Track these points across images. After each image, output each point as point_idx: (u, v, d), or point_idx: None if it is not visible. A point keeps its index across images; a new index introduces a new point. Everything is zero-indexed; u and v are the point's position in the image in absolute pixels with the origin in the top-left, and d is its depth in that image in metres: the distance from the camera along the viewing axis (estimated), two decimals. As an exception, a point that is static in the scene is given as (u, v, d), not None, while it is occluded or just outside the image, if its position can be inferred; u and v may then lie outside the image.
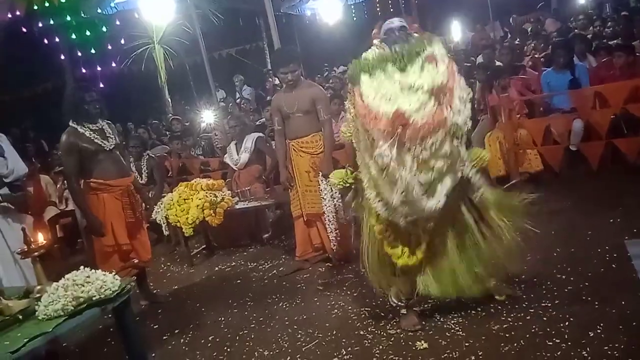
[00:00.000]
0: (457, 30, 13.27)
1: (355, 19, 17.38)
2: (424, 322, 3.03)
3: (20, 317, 2.29)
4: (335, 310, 3.50)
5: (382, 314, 3.26)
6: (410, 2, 16.40)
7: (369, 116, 2.52)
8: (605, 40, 7.72)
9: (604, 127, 4.98)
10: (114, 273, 2.47)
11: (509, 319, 2.89)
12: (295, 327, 3.40)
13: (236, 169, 5.76)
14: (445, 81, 2.50)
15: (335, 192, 4.21)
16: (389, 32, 2.85)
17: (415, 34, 2.83)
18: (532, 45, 9.10)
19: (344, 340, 3.08)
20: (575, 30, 8.88)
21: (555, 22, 10.53)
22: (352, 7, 16.96)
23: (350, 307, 3.48)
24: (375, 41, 2.88)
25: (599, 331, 2.61)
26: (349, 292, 3.73)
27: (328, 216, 4.18)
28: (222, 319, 3.77)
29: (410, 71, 2.55)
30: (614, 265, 3.25)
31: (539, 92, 5.76)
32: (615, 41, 7.09)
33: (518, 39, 10.52)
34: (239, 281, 4.50)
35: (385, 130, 2.45)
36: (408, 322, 3.03)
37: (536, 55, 7.81)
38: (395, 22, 2.90)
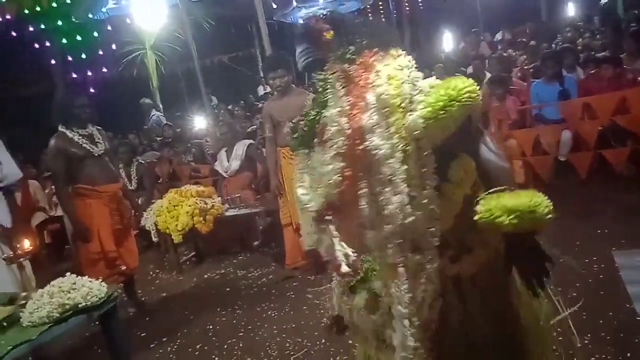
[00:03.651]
0: (448, 41, 13.40)
1: (347, 27, 17.46)
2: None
3: (5, 324, 2.25)
4: (325, 319, 3.48)
5: (371, 323, 3.25)
6: (401, 13, 16.60)
7: None
8: (593, 52, 7.81)
9: (592, 138, 5.03)
10: (100, 280, 2.45)
11: (498, 329, 2.89)
12: (284, 335, 3.38)
13: (226, 176, 5.74)
14: None
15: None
16: None
17: None
18: (522, 57, 9.19)
19: (332, 349, 3.06)
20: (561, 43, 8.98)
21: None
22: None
23: (339, 316, 3.47)
24: None
25: (586, 342, 2.62)
26: (338, 301, 3.71)
27: (318, 224, 4.18)
28: (210, 326, 3.74)
29: None
30: (601, 276, 3.27)
31: (527, 103, 5.81)
32: (603, 53, 7.18)
33: (507, 51, 10.62)
34: (228, 289, 4.47)
35: None
36: None
37: (525, 67, 7.89)
38: None
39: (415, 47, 16.15)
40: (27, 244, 2.57)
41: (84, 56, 12.21)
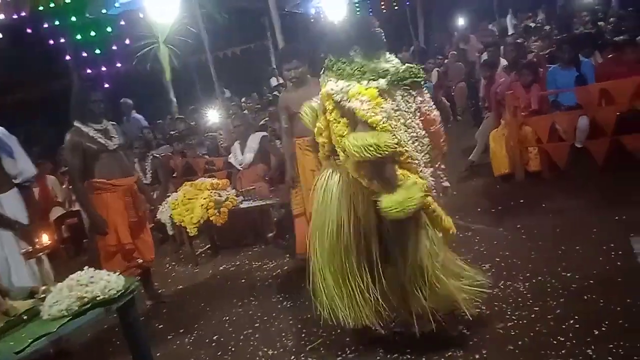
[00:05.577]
0: (462, 26, 13.25)
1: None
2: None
3: (25, 317, 2.30)
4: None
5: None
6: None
7: None
8: (611, 36, 7.67)
9: (609, 124, 4.95)
10: (118, 272, 2.48)
11: (513, 318, 2.88)
12: (299, 326, 3.40)
13: (240, 168, 5.76)
14: None
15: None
16: None
17: None
18: (537, 42, 9.06)
19: (347, 338, 3.07)
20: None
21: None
22: (356, 4, 16.94)
23: (354, 306, 3.47)
24: None
25: (604, 329, 2.60)
26: (353, 291, 3.71)
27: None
28: (227, 318, 3.78)
29: None
30: (619, 263, 3.24)
31: (543, 89, 5.72)
32: (622, 37, 7.04)
33: (522, 36, 10.48)
34: (243, 280, 4.50)
35: None
36: None
37: (540, 52, 7.78)
38: None
39: (429, 34, 15.99)
40: (45, 238, 2.61)
41: (98, 51, 12.29)
